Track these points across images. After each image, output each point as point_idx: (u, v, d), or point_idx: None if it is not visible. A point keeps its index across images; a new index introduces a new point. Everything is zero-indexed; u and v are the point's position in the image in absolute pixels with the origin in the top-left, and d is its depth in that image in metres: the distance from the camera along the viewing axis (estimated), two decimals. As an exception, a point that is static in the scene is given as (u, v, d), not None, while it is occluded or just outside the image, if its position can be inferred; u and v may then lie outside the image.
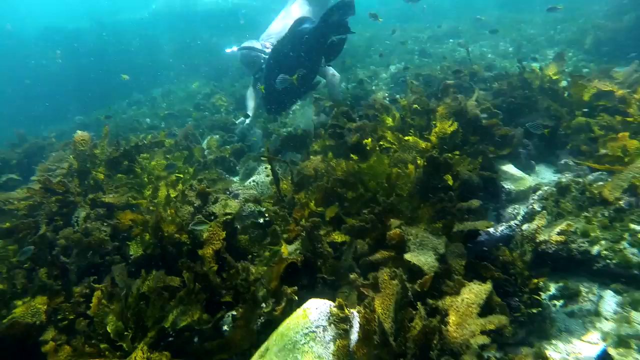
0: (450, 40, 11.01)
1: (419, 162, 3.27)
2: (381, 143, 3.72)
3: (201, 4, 16.53)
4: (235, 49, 5.53)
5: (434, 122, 3.76)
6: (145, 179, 4.11)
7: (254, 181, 5.08)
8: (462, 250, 2.36)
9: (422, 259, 2.22)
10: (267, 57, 5.52)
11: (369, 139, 3.67)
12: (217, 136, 6.69)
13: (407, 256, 2.25)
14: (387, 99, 6.75)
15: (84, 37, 15.07)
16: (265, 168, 5.26)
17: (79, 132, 3.76)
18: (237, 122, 6.66)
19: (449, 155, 3.34)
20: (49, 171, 4.30)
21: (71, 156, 3.65)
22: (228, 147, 6.30)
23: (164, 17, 16.32)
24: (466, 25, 11.97)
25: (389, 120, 4.06)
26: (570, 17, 10.47)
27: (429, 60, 9.45)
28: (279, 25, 5.97)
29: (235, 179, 5.52)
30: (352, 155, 3.60)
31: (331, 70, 6.02)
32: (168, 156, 5.00)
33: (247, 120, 6.16)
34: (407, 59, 9.87)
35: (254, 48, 5.54)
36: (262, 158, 5.53)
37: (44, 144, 5.91)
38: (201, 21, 15.35)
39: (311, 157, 4.40)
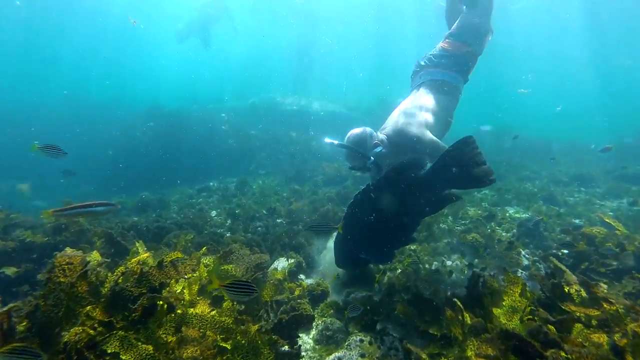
0: (582, 189, 9.09)
1: None
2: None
3: (295, 104, 16.90)
4: (335, 142, 4.16)
5: None
6: (165, 336, 2.31)
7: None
8: None
9: None
10: (370, 161, 4.14)
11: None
12: (291, 261, 5.09)
13: None
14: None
15: (182, 116, 15.56)
16: (361, 342, 3.42)
17: (67, 249, 2.35)
18: None
19: None
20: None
21: (40, 292, 2.14)
22: (303, 282, 4.65)
23: (260, 111, 16.73)
24: (594, 171, 10.06)
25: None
26: None
27: (560, 210, 7.52)
28: (398, 117, 4.61)
29: (308, 338, 3.72)
30: None
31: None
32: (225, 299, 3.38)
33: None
34: (527, 201, 8.06)
35: (357, 146, 4.14)
36: (352, 331, 3.72)
37: (85, 227, 4.69)
38: (294, 121, 15.33)
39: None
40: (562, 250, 5.22)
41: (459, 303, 2.67)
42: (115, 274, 2.23)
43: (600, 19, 19.08)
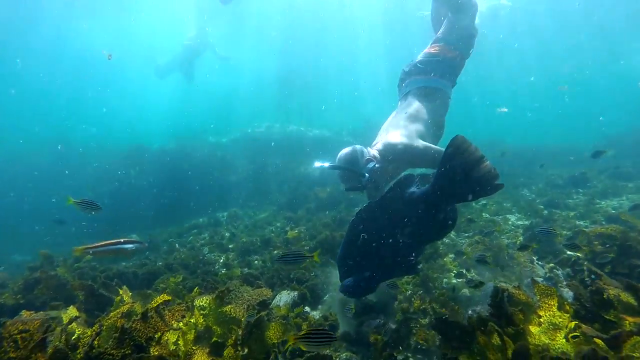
0: (580, 190, 8.97)
1: None
2: None
3: (279, 132, 16.77)
4: (326, 164, 3.93)
5: None
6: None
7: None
8: None
9: None
10: (365, 179, 3.88)
11: None
12: (294, 294, 4.70)
13: None
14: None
15: (166, 154, 15.18)
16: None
17: (24, 313, 1.99)
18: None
19: None
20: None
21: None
22: (310, 316, 4.27)
23: (242, 142, 16.56)
24: (587, 172, 9.97)
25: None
26: None
27: (562, 214, 7.34)
28: (387, 131, 4.40)
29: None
30: None
31: None
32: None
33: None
34: (527, 208, 7.86)
35: (350, 165, 3.91)
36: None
37: (64, 280, 4.23)
38: (280, 150, 15.12)
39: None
40: (577, 254, 4.96)
41: (494, 326, 2.35)
42: (88, 334, 1.84)
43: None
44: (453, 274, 5.46)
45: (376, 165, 3.92)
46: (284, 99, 23.87)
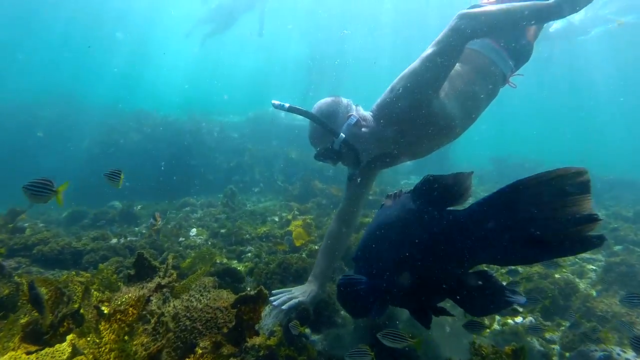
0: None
1: None
2: None
3: (299, 119, 15.38)
4: (286, 105, 2.55)
5: None
6: None
7: None
8: None
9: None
10: (339, 139, 2.53)
11: None
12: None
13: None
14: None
15: (171, 127, 13.89)
16: None
17: None
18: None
19: None
20: None
21: None
22: (309, 346, 2.85)
23: (255, 124, 15.34)
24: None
25: None
26: None
27: None
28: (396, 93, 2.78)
29: None
30: None
31: None
32: None
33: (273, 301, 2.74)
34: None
35: (321, 117, 2.57)
36: None
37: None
38: (296, 137, 13.73)
39: None
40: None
41: None
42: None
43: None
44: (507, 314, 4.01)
45: (362, 124, 2.58)
46: (312, 84, 22.21)
